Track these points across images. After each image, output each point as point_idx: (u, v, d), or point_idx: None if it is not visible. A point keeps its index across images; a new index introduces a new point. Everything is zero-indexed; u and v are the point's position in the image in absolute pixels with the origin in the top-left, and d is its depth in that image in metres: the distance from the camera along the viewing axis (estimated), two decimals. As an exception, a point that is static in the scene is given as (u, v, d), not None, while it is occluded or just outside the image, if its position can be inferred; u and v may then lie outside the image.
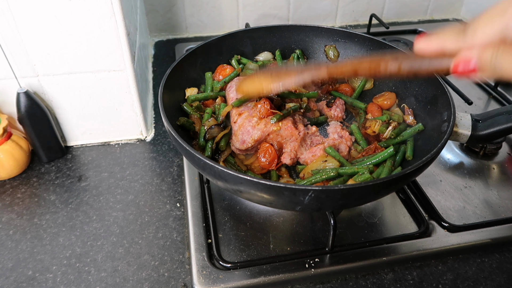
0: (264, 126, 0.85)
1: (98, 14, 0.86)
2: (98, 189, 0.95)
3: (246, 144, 0.85)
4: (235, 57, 1.07)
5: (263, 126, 0.85)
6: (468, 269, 0.79)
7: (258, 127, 0.85)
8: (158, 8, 1.51)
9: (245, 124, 0.86)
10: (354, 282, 0.77)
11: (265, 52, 1.11)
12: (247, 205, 0.88)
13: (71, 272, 0.78)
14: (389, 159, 0.82)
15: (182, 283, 0.76)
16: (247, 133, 0.85)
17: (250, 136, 0.85)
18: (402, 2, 1.69)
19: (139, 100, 1.02)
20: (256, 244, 0.81)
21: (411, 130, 0.87)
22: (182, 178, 0.98)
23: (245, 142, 0.85)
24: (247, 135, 0.85)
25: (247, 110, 0.88)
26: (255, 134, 0.84)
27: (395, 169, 0.81)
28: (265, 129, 0.84)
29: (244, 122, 0.86)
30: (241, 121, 0.87)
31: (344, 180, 0.79)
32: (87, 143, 1.07)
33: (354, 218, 0.86)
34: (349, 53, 1.08)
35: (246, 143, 0.85)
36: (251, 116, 0.87)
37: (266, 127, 0.84)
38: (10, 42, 0.87)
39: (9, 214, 0.89)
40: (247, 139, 0.85)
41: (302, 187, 0.64)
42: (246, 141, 0.85)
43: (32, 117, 0.93)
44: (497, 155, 1.03)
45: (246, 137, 0.85)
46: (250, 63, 1.06)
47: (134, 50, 1.04)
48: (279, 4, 1.57)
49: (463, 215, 0.87)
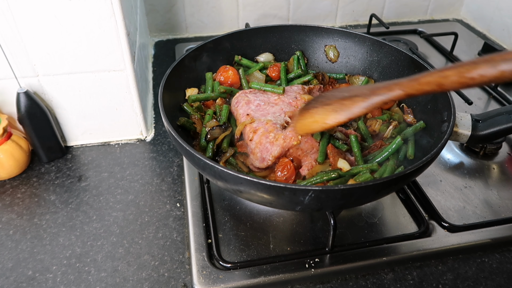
0: (283, 141, 0.80)
1: (98, 14, 0.86)
2: (98, 189, 0.95)
3: (266, 162, 0.81)
4: (236, 58, 1.07)
5: (282, 141, 0.80)
6: (468, 269, 0.79)
7: (276, 143, 0.80)
8: (158, 8, 1.51)
9: (262, 141, 0.81)
10: (354, 282, 0.77)
11: (265, 53, 1.11)
12: (247, 205, 0.88)
13: (71, 272, 0.78)
14: (392, 158, 0.82)
15: (182, 283, 0.76)
16: (265, 150, 0.81)
17: (269, 153, 0.80)
18: (402, 2, 1.69)
19: (139, 100, 1.02)
20: (256, 244, 0.81)
21: (413, 128, 0.87)
22: (182, 178, 0.98)
23: (265, 160, 0.81)
24: (266, 152, 0.80)
25: (262, 125, 0.84)
26: (275, 151, 0.80)
27: (397, 169, 0.81)
28: (284, 144, 0.80)
29: (261, 139, 0.82)
30: (257, 138, 0.83)
31: (345, 180, 0.79)
32: (87, 143, 1.07)
33: (354, 218, 0.86)
34: (349, 53, 1.08)
35: (266, 160, 0.81)
36: (268, 132, 0.82)
37: (285, 142, 0.80)
38: (10, 42, 0.87)
39: (9, 214, 0.89)
40: (266, 157, 0.80)
41: (302, 187, 0.64)
42: (266, 159, 0.81)
43: (32, 117, 0.93)
44: (497, 155, 1.03)
45: (266, 155, 0.80)
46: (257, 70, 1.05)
47: (134, 50, 1.04)
48: (279, 4, 1.57)
49: (463, 215, 0.87)
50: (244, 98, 0.93)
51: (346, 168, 0.78)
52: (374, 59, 1.05)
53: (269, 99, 0.94)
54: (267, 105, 0.91)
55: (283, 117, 0.88)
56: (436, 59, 1.45)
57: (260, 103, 0.91)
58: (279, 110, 0.90)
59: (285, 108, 0.90)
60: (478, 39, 1.58)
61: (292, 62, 1.09)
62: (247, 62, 1.07)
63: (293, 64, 1.08)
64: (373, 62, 1.05)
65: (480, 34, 1.64)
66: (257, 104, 0.91)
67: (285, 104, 0.92)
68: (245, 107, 0.91)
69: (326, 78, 1.07)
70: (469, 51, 1.50)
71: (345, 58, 1.09)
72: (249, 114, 0.88)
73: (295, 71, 1.07)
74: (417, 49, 1.48)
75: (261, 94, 0.95)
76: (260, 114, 0.88)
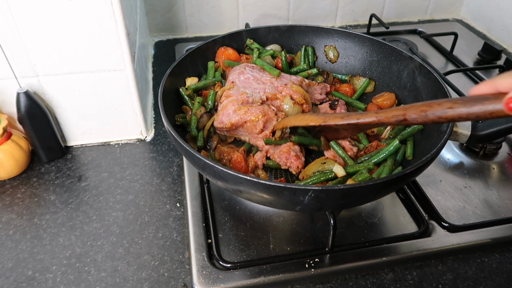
0: (244, 113, 0.86)
1: (98, 14, 0.86)
2: (98, 189, 0.95)
3: (223, 125, 0.88)
4: (248, 41, 1.09)
5: (243, 112, 0.87)
6: (468, 269, 0.79)
7: (238, 112, 0.87)
8: (158, 8, 1.51)
9: (228, 106, 0.88)
10: (354, 282, 0.77)
11: (273, 45, 1.12)
12: (247, 205, 0.89)
13: (71, 272, 0.78)
14: (389, 158, 0.82)
15: (182, 283, 0.76)
16: (227, 116, 0.88)
17: (228, 119, 0.87)
18: (402, 2, 1.69)
19: (139, 100, 1.02)
20: (256, 244, 0.81)
21: (411, 129, 0.87)
22: (182, 178, 0.98)
23: (223, 123, 0.88)
24: (227, 117, 0.88)
25: (236, 94, 0.90)
26: (233, 118, 0.87)
27: (395, 169, 0.81)
28: (244, 116, 0.86)
29: (228, 105, 0.89)
30: (226, 102, 0.89)
31: (343, 180, 0.79)
32: (87, 143, 1.07)
33: (354, 218, 0.86)
34: (349, 53, 1.08)
35: (223, 123, 0.88)
36: (236, 101, 0.88)
37: (245, 114, 0.86)
38: (10, 42, 0.87)
39: (9, 214, 0.89)
40: (225, 120, 0.87)
41: (302, 187, 0.64)
42: (223, 122, 0.88)
43: (32, 117, 0.93)
44: (497, 155, 1.03)
45: (225, 119, 0.88)
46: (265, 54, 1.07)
47: (134, 50, 1.04)
48: (279, 4, 1.57)
49: (463, 215, 0.87)
50: (240, 69, 0.99)
51: (341, 173, 0.79)
52: (374, 59, 1.05)
53: (261, 77, 0.97)
54: (254, 81, 0.96)
55: (260, 94, 0.92)
56: (436, 59, 1.45)
57: (249, 77, 0.96)
58: (261, 88, 0.94)
59: (268, 89, 0.94)
60: (478, 39, 1.58)
61: (299, 56, 1.09)
62: (258, 47, 1.09)
63: (300, 58, 1.09)
64: (373, 62, 1.05)
65: (480, 34, 1.64)
66: (247, 77, 0.96)
67: (272, 86, 0.95)
68: (235, 75, 0.97)
69: (330, 77, 1.07)
70: (469, 51, 1.50)
71: (345, 58, 1.09)
72: (234, 82, 0.95)
73: (301, 65, 1.07)
74: (417, 49, 1.48)
75: (258, 71, 1.00)
76: (242, 86, 0.94)
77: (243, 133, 0.90)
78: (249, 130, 0.88)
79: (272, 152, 0.87)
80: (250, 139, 0.91)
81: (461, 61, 1.42)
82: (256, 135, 0.88)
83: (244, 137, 0.91)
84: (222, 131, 0.91)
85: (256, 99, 0.90)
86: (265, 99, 0.91)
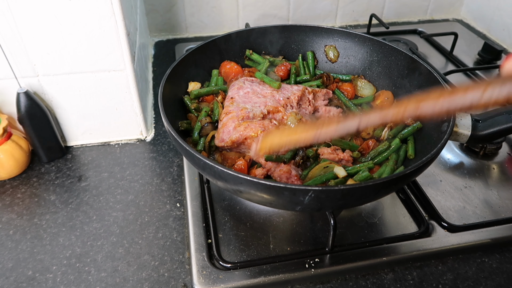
0: (244, 130, 0.84)
1: (98, 14, 0.86)
2: (98, 189, 0.95)
3: (224, 143, 0.86)
4: (247, 52, 1.08)
5: (243, 129, 0.84)
6: (468, 269, 0.79)
7: (238, 129, 0.85)
8: (158, 8, 1.51)
9: (228, 124, 0.87)
10: (354, 282, 0.77)
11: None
12: (247, 205, 0.88)
13: (71, 272, 0.78)
14: (391, 158, 0.82)
15: (182, 283, 0.76)
16: (227, 133, 0.86)
17: (228, 136, 0.85)
18: (402, 2, 1.69)
19: (139, 100, 1.02)
20: (256, 244, 0.81)
21: (411, 128, 0.87)
22: (182, 178, 0.98)
23: (223, 141, 0.86)
24: (227, 134, 0.86)
25: (236, 110, 0.89)
26: (233, 135, 0.85)
27: (397, 169, 0.81)
28: (243, 133, 0.84)
29: (228, 122, 0.87)
30: (226, 120, 0.88)
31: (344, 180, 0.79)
32: (87, 143, 1.07)
33: (354, 218, 0.86)
34: (349, 53, 1.08)
35: (224, 141, 0.86)
36: (236, 118, 0.87)
37: (245, 131, 0.84)
38: (10, 42, 0.87)
39: (9, 214, 0.89)
40: (225, 138, 0.86)
41: (302, 187, 0.64)
42: (224, 140, 0.86)
43: (32, 117, 0.93)
44: (497, 155, 1.03)
45: (225, 136, 0.86)
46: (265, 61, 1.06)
47: (134, 50, 1.04)
48: (279, 4, 1.57)
49: (463, 215, 0.87)
50: (239, 83, 0.97)
51: (342, 174, 0.79)
52: (374, 59, 1.05)
53: (261, 90, 0.96)
54: (254, 95, 0.94)
55: (261, 108, 0.90)
56: (436, 59, 1.45)
57: (249, 91, 0.95)
58: (262, 102, 0.92)
59: (269, 102, 0.92)
60: (478, 39, 1.58)
61: (297, 64, 1.08)
62: (257, 57, 1.09)
63: (299, 66, 1.08)
64: (373, 62, 1.05)
65: (480, 34, 1.64)
66: (247, 91, 0.95)
67: (273, 99, 0.93)
68: (234, 91, 0.95)
69: (331, 78, 1.06)
70: (469, 51, 1.50)
71: (345, 58, 1.09)
72: (233, 98, 0.93)
73: (302, 76, 1.06)
74: (417, 49, 1.48)
75: (258, 84, 0.98)
76: (242, 101, 0.92)
77: (245, 149, 0.88)
78: (250, 147, 0.86)
79: (273, 170, 0.83)
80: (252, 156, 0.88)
81: (461, 61, 1.42)
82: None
83: (247, 153, 0.89)
84: (224, 149, 0.89)
85: (257, 113, 0.88)
86: (266, 113, 0.89)
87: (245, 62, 1.10)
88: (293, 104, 0.94)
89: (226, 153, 0.88)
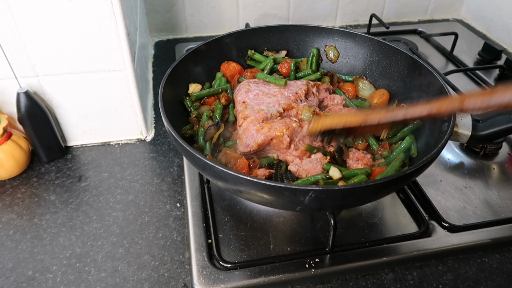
0: (268, 131, 0.84)
1: (98, 14, 0.86)
2: (98, 189, 0.95)
3: (250, 148, 0.85)
4: (249, 52, 1.08)
5: (267, 130, 0.84)
6: (468, 269, 0.79)
7: (262, 131, 0.85)
8: (158, 8, 1.51)
9: (249, 128, 0.86)
10: (354, 282, 0.77)
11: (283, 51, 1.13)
12: (247, 205, 0.88)
13: (71, 272, 0.78)
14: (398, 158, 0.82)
15: (182, 283, 0.76)
16: (251, 137, 0.85)
17: (253, 140, 0.85)
18: (402, 2, 1.69)
19: (139, 100, 1.02)
20: (256, 244, 0.81)
21: (412, 126, 0.87)
22: (182, 178, 0.98)
23: (249, 146, 0.85)
24: (251, 139, 0.85)
25: (253, 114, 0.88)
26: (259, 138, 0.84)
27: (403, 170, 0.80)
28: (268, 134, 0.84)
29: (249, 126, 0.86)
30: (246, 124, 0.87)
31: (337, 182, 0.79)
32: (87, 143, 1.07)
33: (354, 218, 0.86)
34: (349, 53, 1.08)
35: (250, 146, 0.85)
36: (256, 120, 0.87)
37: (270, 131, 0.84)
38: (10, 42, 0.87)
39: (9, 214, 0.89)
40: (250, 143, 0.85)
41: (303, 187, 0.64)
42: (249, 145, 0.85)
43: (32, 117, 0.93)
44: (497, 155, 1.03)
45: (250, 141, 0.85)
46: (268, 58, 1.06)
47: (134, 50, 1.04)
48: (279, 4, 1.57)
49: (463, 215, 0.87)
50: (245, 87, 0.97)
51: (336, 176, 0.79)
52: (374, 59, 1.05)
53: (269, 90, 0.96)
54: (264, 96, 0.94)
55: (276, 108, 0.90)
56: (436, 59, 1.45)
57: (258, 93, 0.95)
58: (275, 101, 0.92)
59: (281, 100, 0.93)
60: (478, 39, 1.58)
61: (305, 62, 1.09)
62: (260, 57, 1.09)
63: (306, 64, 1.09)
64: (373, 62, 1.05)
65: (480, 34, 1.64)
66: (256, 93, 0.95)
67: (283, 96, 0.94)
68: (243, 95, 0.95)
69: (335, 78, 1.07)
70: (469, 51, 1.50)
71: (345, 58, 1.09)
72: (245, 102, 0.92)
73: (305, 70, 1.07)
74: (417, 49, 1.48)
75: (263, 84, 0.98)
76: (255, 103, 0.92)
77: (271, 150, 0.88)
78: (277, 147, 0.86)
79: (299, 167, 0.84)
80: (278, 155, 0.88)
81: (461, 61, 1.42)
82: (285, 150, 0.86)
83: (272, 154, 0.89)
84: (248, 155, 0.88)
85: (273, 113, 0.88)
86: (282, 111, 0.90)
87: (247, 63, 1.10)
88: (302, 99, 0.95)
89: (230, 153, 0.88)
